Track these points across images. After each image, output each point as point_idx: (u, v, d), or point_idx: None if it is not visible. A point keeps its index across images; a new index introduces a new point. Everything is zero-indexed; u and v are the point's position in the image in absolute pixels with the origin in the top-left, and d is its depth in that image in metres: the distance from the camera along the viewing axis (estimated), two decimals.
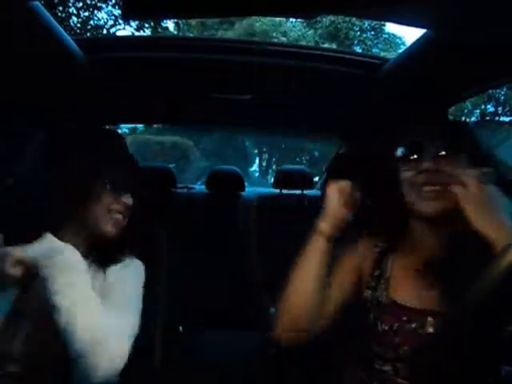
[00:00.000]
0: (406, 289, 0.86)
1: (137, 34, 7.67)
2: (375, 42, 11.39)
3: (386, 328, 0.84)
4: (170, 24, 8.55)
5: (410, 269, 0.87)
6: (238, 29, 10.81)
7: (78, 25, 7.52)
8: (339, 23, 10.62)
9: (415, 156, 0.85)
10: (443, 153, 0.82)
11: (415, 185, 0.83)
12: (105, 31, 7.86)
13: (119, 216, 0.94)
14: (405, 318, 0.82)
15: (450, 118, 1.58)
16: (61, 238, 0.90)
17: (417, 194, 0.83)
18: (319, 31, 10.86)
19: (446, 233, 0.83)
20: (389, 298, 0.86)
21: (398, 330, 0.82)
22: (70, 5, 7.18)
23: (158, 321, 1.03)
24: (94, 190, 0.94)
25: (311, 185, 2.44)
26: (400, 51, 1.30)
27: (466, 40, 0.98)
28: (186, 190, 2.52)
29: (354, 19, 10.33)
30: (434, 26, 0.92)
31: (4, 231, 0.92)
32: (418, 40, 1.09)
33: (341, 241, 0.92)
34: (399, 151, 0.88)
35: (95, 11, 7.69)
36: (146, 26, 7.71)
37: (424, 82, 1.31)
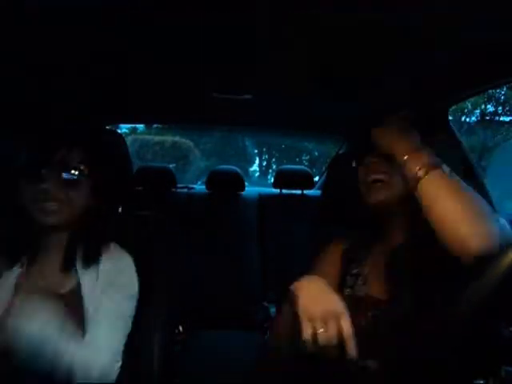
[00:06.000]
0: (379, 284, 0.87)
1: None
2: None
3: (363, 323, 0.82)
4: None
5: (380, 264, 0.88)
6: None
7: None
8: None
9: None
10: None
11: (364, 178, 0.89)
12: None
13: (48, 204, 0.86)
14: (378, 309, 0.83)
15: (450, 118, 1.58)
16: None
17: (365, 187, 0.89)
18: None
19: (404, 222, 0.87)
20: (366, 293, 0.88)
21: (372, 321, 0.82)
22: None
23: (157, 321, 1.03)
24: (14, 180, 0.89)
25: (311, 185, 2.45)
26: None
27: (467, 40, 0.98)
28: (186, 190, 2.52)
29: None
30: (434, 26, 0.92)
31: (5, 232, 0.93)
32: None
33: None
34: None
35: None
36: None
37: (424, 82, 1.31)
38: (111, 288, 0.91)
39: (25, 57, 1.13)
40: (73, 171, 0.90)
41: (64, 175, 0.89)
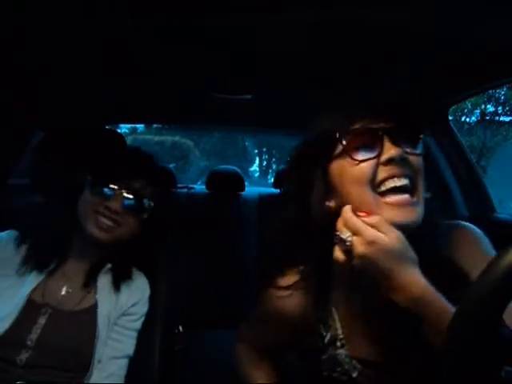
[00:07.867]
0: (358, 338, 0.73)
1: None
2: None
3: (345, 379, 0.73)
4: None
5: (356, 310, 0.73)
6: None
7: None
8: None
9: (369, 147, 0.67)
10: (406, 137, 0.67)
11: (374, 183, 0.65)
12: None
13: (106, 220, 0.88)
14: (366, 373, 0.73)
15: (450, 118, 1.58)
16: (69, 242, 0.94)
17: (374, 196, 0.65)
18: None
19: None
20: (348, 356, 0.73)
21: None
22: None
23: (157, 321, 1.03)
24: (80, 188, 0.92)
25: None
26: None
27: (466, 40, 0.98)
28: (185, 190, 2.51)
29: None
30: (434, 25, 0.92)
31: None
32: None
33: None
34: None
35: None
36: None
37: (424, 82, 1.31)
38: (126, 319, 0.94)
39: (25, 56, 1.13)
40: (136, 197, 0.92)
41: (127, 199, 0.91)
